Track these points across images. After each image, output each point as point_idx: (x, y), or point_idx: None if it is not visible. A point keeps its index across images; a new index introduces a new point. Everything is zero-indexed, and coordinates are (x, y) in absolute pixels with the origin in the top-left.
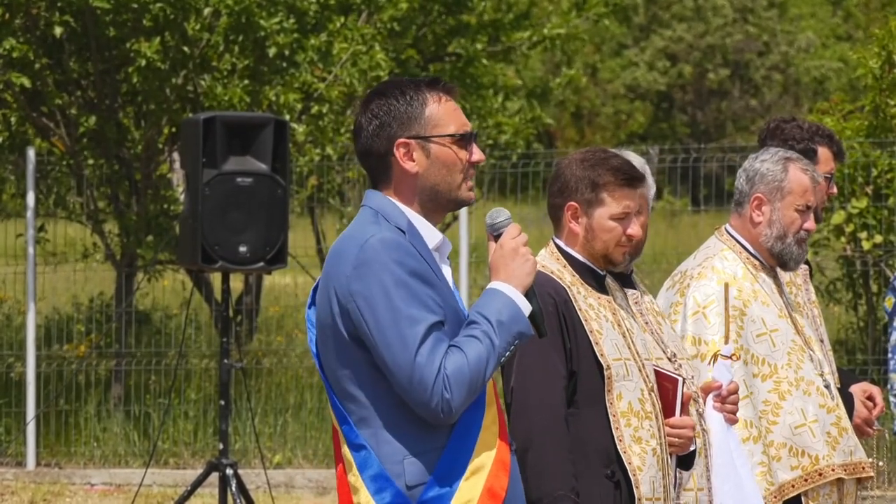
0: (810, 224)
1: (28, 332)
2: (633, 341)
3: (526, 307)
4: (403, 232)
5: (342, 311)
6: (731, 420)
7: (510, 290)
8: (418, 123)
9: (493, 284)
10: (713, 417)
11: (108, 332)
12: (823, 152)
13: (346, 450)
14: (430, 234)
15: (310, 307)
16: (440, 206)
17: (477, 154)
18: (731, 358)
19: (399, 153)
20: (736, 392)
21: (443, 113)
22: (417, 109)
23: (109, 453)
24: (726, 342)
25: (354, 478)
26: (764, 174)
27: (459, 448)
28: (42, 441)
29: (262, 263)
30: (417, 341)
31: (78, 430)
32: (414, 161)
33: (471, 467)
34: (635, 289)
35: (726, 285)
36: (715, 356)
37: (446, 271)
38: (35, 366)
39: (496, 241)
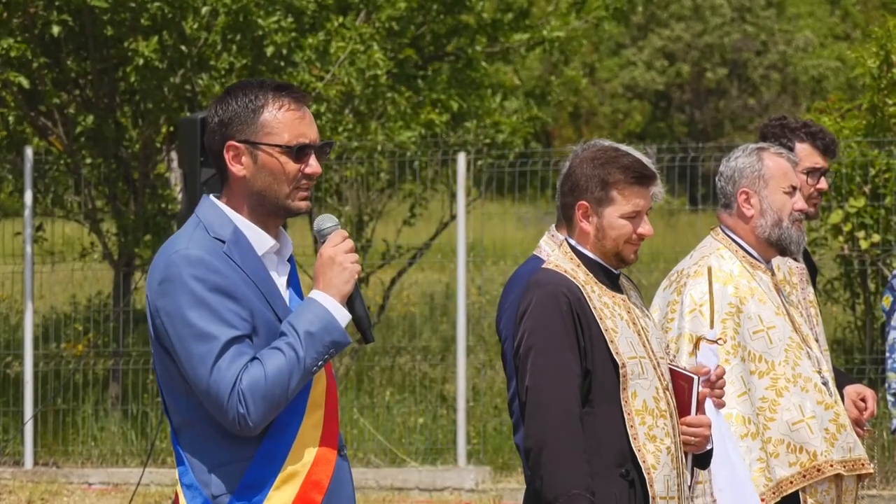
0: (801, 204)
1: (26, 331)
2: (647, 339)
3: (343, 316)
4: (223, 242)
5: (153, 323)
6: (719, 404)
7: (325, 300)
8: (250, 128)
9: (311, 293)
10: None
11: (106, 332)
12: (803, 148)
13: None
14: (261, 240)
15: None
16: (270, 212)
17: (311, 167)
18: (716, 342)
19: (228, 155)
20: (723, 376)
21: (278, 121)
22: (253, 113)
23: (107, 452)
24: (711, 327)
25: (178, 486)
26: (742, 169)
27: (269, 457)
28: (40, 440)
29: None
30: (213, 357)
31: (75, 429)
32: (242, 165)
33: (281, 476)
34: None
35: (709, 269)
36: (698, 341)
37: (283, 272)
38: (33, 365)
39: None
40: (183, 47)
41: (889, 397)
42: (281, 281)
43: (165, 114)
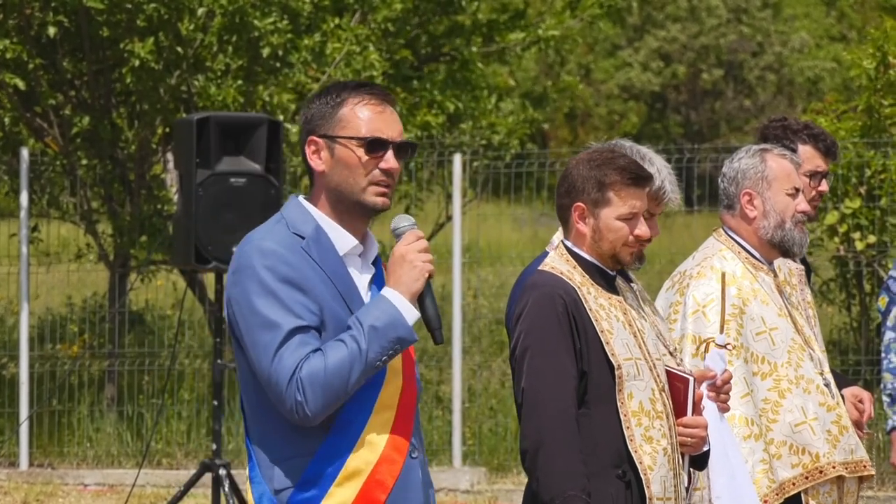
0: (804, 206)
1: (21, 332)
2: (644, 341)
3: (411, 314)
4: (303, 238)
5: (228, 314)
6: (723, 409)
7: (394, 296)
8: (329, 123)
9: (382, 290)
10: (707, 407)
11: (102, 333)
12: (805, 150)
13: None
14: (342, 240)
15: None
16: (348, 209)
17: (388, 162)
18: (725, 347)
19: (308, 151)
20: (730, 381)
21: (355, 115)
22: (332, 109)
23: (102, 454)
24: (721, 332)
25: (247, 480)
26: (745, 170)
27: (331, 454)
28: (35, 441)
29: None
30: (276, 345)
31: (71, 430)
32: (321, 159)
33: (344, 472)
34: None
35: (723, 275)
36: (707, 344)
37: (365, 276)
38: (28, 366)
39: None
40: (179, 48)
41: (885, 398)
42: (362, 282)
43: (161, 115)
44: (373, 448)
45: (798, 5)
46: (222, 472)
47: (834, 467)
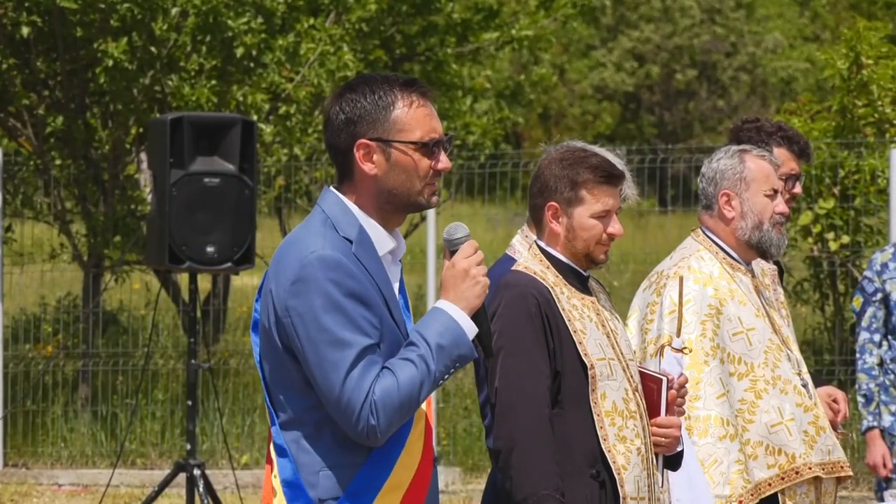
0: (782, 207)
1: None
2: (617, 341)
3: (471, 329)
4: (351, 242)
5: (278, 322)
6: (679, 413)
7: (456, 312)
8: (382, 126)
9: (440, 304)
10: None
11: (76, 333)
12: (780, 153)
13: (271, 449)
14: (383, 241)
15: (257, 300)
16: (398, 209)
17: (443, 162)
18: (681, 351)
19: (359, 154)
20: (685, 385)
21: (410, 117)
22: (384, 111)
23: (77, 454)
24: (678, 335)
25: (275, 480)
26: (724, 171)
27: (378, 465)
28: (9, 441)
29: (229, 264)
30: (347, 365)
31: (45, 430)
32: (373, 163)
33: (388, 485)
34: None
35: (681, 279)
36: (662, 348)
37: (395, 271)
38: (2, 366)
39: (452, 257)
40: (153, 48)
41: (859, 398)
42: (395, 284)
43: (135, 115)
44: (413, 458)
45: (771, 6)
46: (196, 472)
47: (810, 468)
